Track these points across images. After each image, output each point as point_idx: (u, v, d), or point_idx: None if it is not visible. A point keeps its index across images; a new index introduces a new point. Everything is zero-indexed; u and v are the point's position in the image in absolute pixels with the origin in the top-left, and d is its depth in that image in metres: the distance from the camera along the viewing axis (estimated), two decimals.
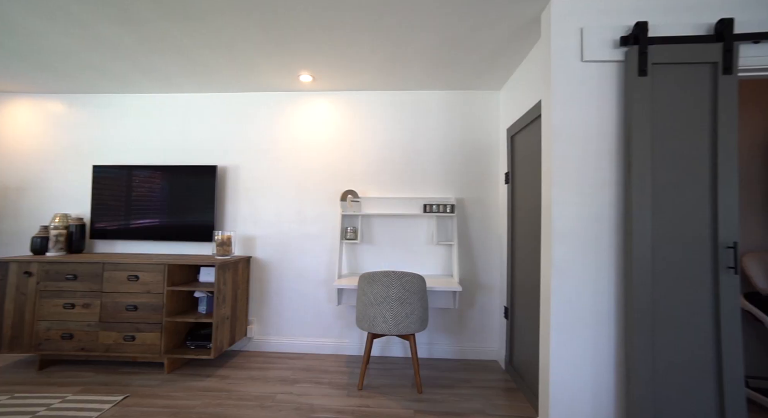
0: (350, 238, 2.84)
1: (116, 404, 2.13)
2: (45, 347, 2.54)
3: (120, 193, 3.05)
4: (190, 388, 2.34)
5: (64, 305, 2.55)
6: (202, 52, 2.39)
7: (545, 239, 1.74)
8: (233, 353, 2.93)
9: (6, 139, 3.21)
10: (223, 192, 3.08)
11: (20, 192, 3.17)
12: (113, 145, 3.16)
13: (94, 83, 2.96)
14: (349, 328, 2.96)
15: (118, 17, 1.99)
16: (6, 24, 2.07)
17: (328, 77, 2.76)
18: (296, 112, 3.07)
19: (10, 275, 2.58)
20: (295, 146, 3.07)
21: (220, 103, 3.12)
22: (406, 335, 2.35)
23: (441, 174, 2.98)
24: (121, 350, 2.52)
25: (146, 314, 2.52)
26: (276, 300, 3.01)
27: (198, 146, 3.12)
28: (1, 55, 2.48)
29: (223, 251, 2.76)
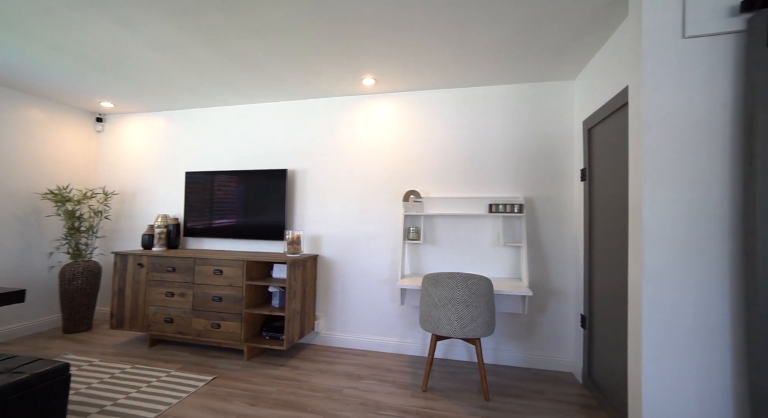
0: (413, 238, 2.84)
1: (207, 383, 2.40)
2: (153, 328, 2.96)
3: (205, 196, 3.44)
4: (266, 375, 2.55)
5: (166, 293, 2.95)
6: (275, 65, 2.58)
7: (634, 241, 1.55)
8: (302, 346, 3.12)
9: (123, 153, 3.82)
10: (292, 194, 3.30)
11: (134, 196, 3.76)
12: (200, 153, 3.58)
13: (186, 100, 3.38)
14: (412, 328, 2.96)
15: (207, 40, 2.24)
16: (129, 59, 2.46)
17: (391, 79, 2.79)
18: (359, 115, 3.17)
19: (128, 265, 3.06)
20: (358, 148, 3.16)
21: (289, 111, 3.35)
22: (472, 339, 2.27)
23: (508, 172, 2.83)
24: (209, 336, 2.84)
25: (229, 305, 2.80)
26: (341, 297, 3.13)
27: (270, 151, 3.38)
28: (122, 84, 2.95)
29: (293, 249, 2.96)
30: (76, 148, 3.69)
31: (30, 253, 3.30)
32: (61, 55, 2.47)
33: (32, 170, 3.31)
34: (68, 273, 3.23)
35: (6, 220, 3.13)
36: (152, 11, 1.93)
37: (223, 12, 1.93)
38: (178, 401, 2.15)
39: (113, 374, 2.47)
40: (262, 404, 2.15)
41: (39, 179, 3.37)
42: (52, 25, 2.09)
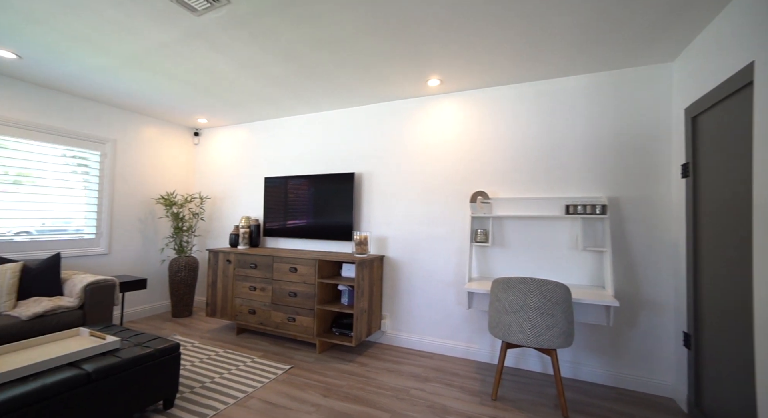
0: (480, 240, 2.75)
1: (285, 371, 2.61)
2: (239, 318, 3.32)
3: (281, 199, 3.74)
4: (337, 369, 2.68)
5: (249, 287, 3.28)
6: (342, 74, 2.71)
7: (762, 249, 1.30)
8: (369, 344, 3.22)
9: (214, 162, 4.36)
10: (359, 196, 3.42)
11: (222, 200, 4.26)
12: (277, 159, 3.91)
13: (264, 112, 3.72)
14: (480, 333, 2.87)
15: (282, 56, 2.44)
16: (221, 79, 2.81)
17: (456, 78, 2.74)
18: (424, 116, 3.17)
19: (219, 261, 3.48)
20: (423, 150, 3.16)
21: (355, 117, 3.49)
22: (547, 350, 2.12)
23: (587, 170, 2.58)
24: (285, 328, 3.08)
25: (303, 301, 3.01)
26: (407, 298, 3.16)
27: (338, 156, 3.56)
28: (215, 101, 3.37)
29: (360, 250, 3.07)
30: (179, 159, 4.30)
31: (148, 248, 3.94)
32: (173, 82, 2.91)
33: (148, 179, 3.95)
34: (174, 266, 3.78)
35: (131, 221, 3.78)
36: (241, 37, 2.17)
37: (297, 29, 2.09)
38: (261, 385, 2.38)
39: (210, 356, 2.83)
40: (334, 397, 2.27)
41: (153, 186, 4.00)
42: (169, 59, 2.48)
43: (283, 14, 1.94)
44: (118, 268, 3.66)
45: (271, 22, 2.01)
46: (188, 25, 2.06)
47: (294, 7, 1.88)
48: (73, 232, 3.35)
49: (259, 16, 1.96)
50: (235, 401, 2.17)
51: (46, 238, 3.15)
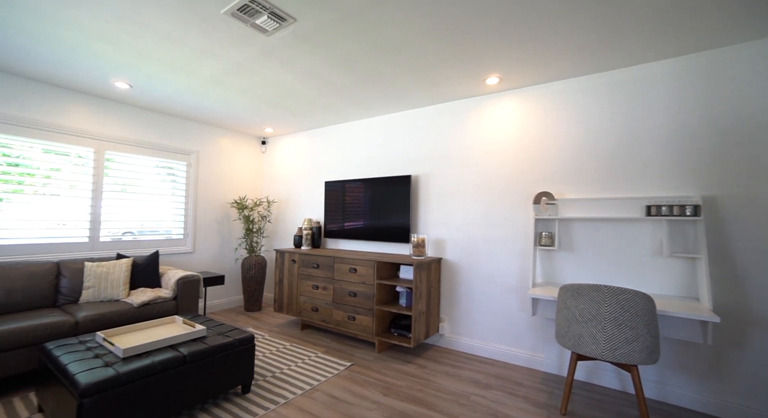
0: (545, 244, 2.60)
1: (347, 368, 2.72)
2: (303, 314, 3.54)
3: (340, 202, 3.90)
4: (396, 369, 2.72)
5: (312, 286, 3.48)
6: (399, 78, 2.75)
7: None
8: (427, 346, 3.21)
9: (278, 168, 4.70)
10: (416, 198, 3.44)
11: (287, 203, 4.57)
12: (336, 164, 4.09)
13: (324, 119, 3.92)
14: (546, 342, 2.70)
15: (342, 65, 2.56)
16: (286, 91, 3.04)
17: (517, 74, 2.63)
18: (481, 116, 3.09)
19: (285, 261, 3.75)
20: (481, 150, 3.08)
21: (411, 119, 3.52)
22: (626, 365, 1.93)
23: (673, 166, 2.30)
24: (346, 327, 3.21)
25: (362, 301, 3.11)
26: (465, 302, 3.10)
27: (394, 159, 3.61)
28: (280, 112, 3.65)
29: (418, 252, 3.08)
30: (249, 166, 4.72)
31: (224, 248, 4.39)
32: (245, 96, 3.22)
33: (223, 185, 4.40)
34: (246, 264, 4.15)
35: (210, 223, 4.24)
36: (305, 50, 2.33)
37: (356, 38, 2.18)
38: (325, 379, 2.51)
39: (278, 348, 3.05)
40: (393, 396, 2.31)
41: (227, 192, 4.45)
42: (242, 76, 2.75)
43: (344, 26, 2.04)
44: (200, 265, 4.13)
45: (332, 34, 2.13)
46: (260, 44, 2.27)
47: (354, 18, 1.96)
48: (164, 232, 3.85)
49: (322, 30, 2.09)
50: (302, 392, 2.32)
51: (144, 238, 3.67)
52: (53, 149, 3.07)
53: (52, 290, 2.78)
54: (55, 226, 3.07)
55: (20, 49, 2.39)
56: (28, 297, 2.64)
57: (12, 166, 2.85)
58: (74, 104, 3.17)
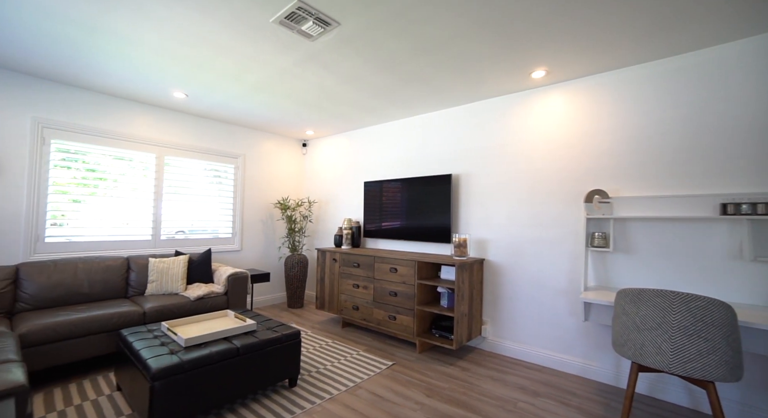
0: (598, 245, 2.44)
1: (388, 367, 2.73)
2: (344, 313, 3.61)
3: (379, 202, 3.93)
4: (438, 371, 2.69)
5: (353, 285, 3.54)
6: (440, 76, 2.72)
7: None
8: (469, 349, 3.14)
9: (319, 169, 4.83)
10: (457, 198, 3.38)
11: (327, 203, 4.69)
12: (374, 164, 4.13)
13: (362, 120, 3.97)
14: (600, 350, 2.53)
15: (383, 65, 2.57)
16: (327, 94, 3.12)
17: (566, 66, 2.49)
18: (526, 112, 2.96)
19: (326, 260, 3.84)
20: (526, 147, 2.96)
21: (451, 118, 3.46)
22: (701, 381, 1.75)
23: (756, 159, 2.05)
24: (386, 326, 3.22)
25: (403, 301, 3.11)
26: (510, 305, 2.99)
27: (434, 158, 3.57)
28: (321, 114, 3.75)
29: (459, 252, 3.02)
30: (291, 168, 4.90)
31: (268, 246, 4.59)
32: (288, 101, 3.34)
33: (267, 186, 4.60)
34: (289, 263, 4.31)
35: (256, 223, 4.46)
36: (347, 53, 2.37)
37: (398, 38, 2.18)
38: (368, 377, 2.54)
39: (321, 345, 3.13)
40: (437, 398, 2.28)
41: (271, 193, 4.65)
42: (286, 81, 2.86)
43: (386, 27, 2.05)
44: (247, 262, 4.35)
45: (374, 36, 2.15)
46: (304, 50, 2.34)
47: (396, 19, 1.97)
48: (212, 232, 4.10)
49: (364, 33, 2.11)
50: (346, 389, 2.36)
51: (196, 236, 3.93)
52: (121, 156, 3.38)
53: (124, 282, 3.07)
54: (122, 225, 3.38)
55: (98, 68, 2.66)
56: (105, 289, 2.93)
57: (89, 172, 3.19)
58: (139, 114, 3.47)
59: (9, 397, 1.07)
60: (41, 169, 2.93)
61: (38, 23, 2.07)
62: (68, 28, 2.12)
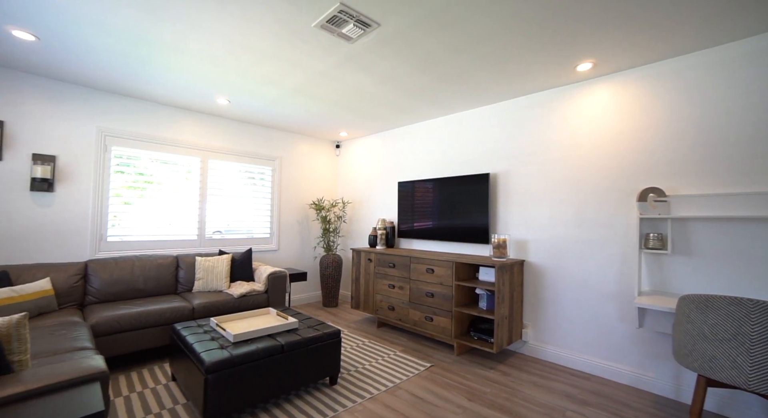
0: (653, 247, 2.27)
1: (427, 368, 2.70)
2: (379, 313, 3.62)
3: (413, 203, 3.91)
4: (477, 374, 2.62)
5: (388, 285, 3.54)
6: (478, 74, 2.65)
7: None
8: (510, 353, 3.04)
9: (352, 170, 4.89)
10: (495, 197, 3.29)
11: (360, 204, 4.74)
12: (409, 164, 4.11)
13: (396, 120, 3.97)
14: (656, 359, 2.36)
15: (420, 64, 2.55)
16: (363, 95, 3.14)
17: (616, 56, 2.35)
18: (569, 106, 2.83)
19: (361, 259, 3.88)
20: (570, 144, 2.82)
21: (489, 115, 3.37)
22: None
23: None
24: (423, 327, 3.19)
25: (440, 302, 3.07)
26: (552, 308, 2.87)
27: (470, 157, 3.50)
28: (355, 116, 3.79)
29: (499, 253, 2.94)
30: (325, 169, 4.99)
31: (304, 246, 4.71)
32: (324, 103, 3.41)
33: (302, 188, 4.71)
34: (324, 262, 4.40)
35: (292, 223, 4.58)
36: (385, 53, 2.38)
37: (437, 37, 2.15)
38: (407, 378, 2.53)
39: (358, 344, 3.16)
40: (478, 402, 2.23)
41: (306, 194, 4.76)
42: (323, 84, 2.91)
43: (424, 26, 2.03)
44: (284, 262, 4.48)
45: (412, 35, 2.13)
46: (343, 52, 2.37)
47: (435, 17, 1.94)
48: (247, 232, 4.25)
49: (403, 33, 2.10)
50: (386, 389, 2.36)
51: (237, 236, 4.10)
52: (168, 160, 3.60)
53: (173, 279, 3.27)
54: (167, 225, 3.59)
55: (151, 78, 2.84)
56: (157, 285, 3.13)
57: (138, 175, 3.42)
58: (185, 120, 3.68)
59: (95, 381, 1.16)
60: (104, 174, 3.18)
61: (101, 40, 2.25)
62: (126, 43, 2.28)
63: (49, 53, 2.46)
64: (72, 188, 3.01)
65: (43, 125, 2.88)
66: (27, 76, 2.82)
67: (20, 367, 1.20)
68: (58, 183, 2.96)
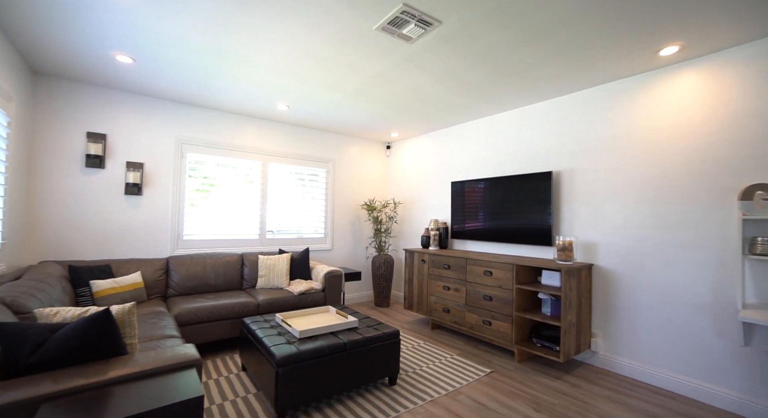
0: (763, 253, 1.97)
1: (487, 374, 2.61)
2: (434, 314, 3.57)
3: (468, 203, 3.80)
4: (543, 383, 2.47)
5: (443, 286, 3.48)
6: (542, 67, 2.50)
7: None
8: (577, 363, 2.83)
9: (402, 170, 4.89)
10: (558, 196, 3.09)
11: (411, 204, 4.72)
12: (462, 163, 4.01)
13: (448, 119, 3.89)
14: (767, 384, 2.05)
15: (479, 61, 2.47)
16: (417, 94, 3.13)
17: (708, 37, 2.08)
18: (646, 96, 2.56)
19: (414, 260, 3.86)
20: (648, 137, 2.56)
21: (549, 111, 3.18)
22: None
23: None
24: (480, 331, 3.09)
25: (499, 305, 2.95)
26: (627, 317, 2.62)
27: (530, 155, 3.32)
28: (407, 116, 3.79)
29: (564, 256, 2.75)
30: (376, 170, 5.05)
31: (356, 246, 4.80)
32: (378, 104, 3.44)
33: (354, 189, 4.81)
34: (376, 262, 4.44)
35: (345, 224, 4.70)
36: (443, 51, 2.33)
37: (499, 31, 2.06)
38: (467, 383, 2.46)
39: (413, 345, 3.15)
40: (546, 413, 2.10)
41: (358, 195, 4.85)
42: (379, 86, 2.94)
43: (488, 21, 1.95)
44: (337, 261, 4.61)
45: (475, 30, 2.07)
46: (402, 53, 2.37)
47: (499, 11, 1.86)
48: (296, 232, 4.42)
49: (465, 28, 2.05)
50: (446, 392, 2.32)
51: (287, 236, 4.29)
52: (231, 163, 3.87)
53: (239, 276, 3.50)
54: (225, 224, 3.86)
55: (220, 88, 3.08)
56: (225, 281, 3.38)
57: (204, 179, 3.70)
58: (247, 126, 3.93)
59: (192, 367, 1.28)
60: (180, 178, 3.50)
61: (182, 57, 2.47)
62: (202, 58, 2.49)
63: (142, 72, 2.77)
64: (155, 191, 3.36)
65: (134, 136, 3.25)
66: (123, 94, 3.19)
67: (131, 349, 1.36)
68: (145, 187, 3.31)
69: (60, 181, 2.93)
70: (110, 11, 1.95)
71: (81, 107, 3.01)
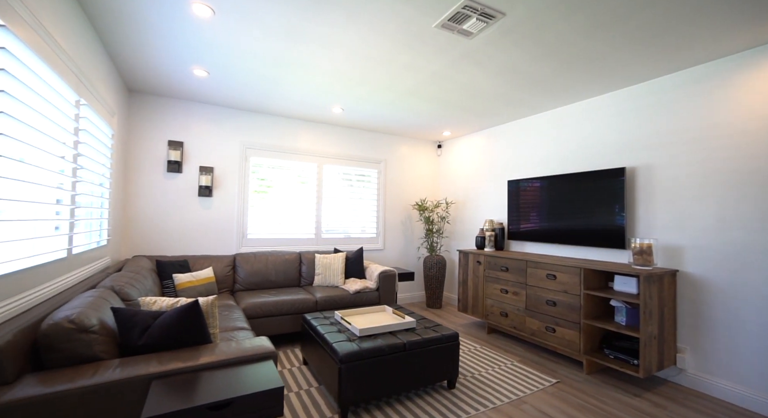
0: None
1: (552, 384, 2.45)
2: (490, 318, 3.44)
3: (527, 202, 3.61)
4: (618, 399, 2.26)
5: (501, 289, 3.34)
6: (616, 54, 2.29)
7: None
8: (659, 380, 2.55)
9: (454, 169, 4.78)
10: (632, 195, 2.81)
11: (464, 204, 4.60)
12: (519, 161, 3.82)
13: (504, 115, 3.72)
14: None
15: (543, 52, 2.32)
16: (473, 91, 3.04)
17: None
18: (744, 79, 2.23)
19: (469, 262, 3.76)
20: (743, 127, 2.23)
21: (620, 101, 2.91)
22: None
23: None
24: (543, 338, 2.91)
25: (564, 312, 2.75)
26: (723, 333, 2.30)
27: (597, 151, 3.07)
28: (460, 114, 3.70)
29: (642, 261, 2.49)
30: (427, 170, 5.00)
31: (408, 247, 4.79)
32: (431, 103, 3.40)
33: (405, 189, 4.81)
34: (428, 263, 4.39)
35: (396, 224, 4.71)
36: (503, 44, 2.24)
37: (569, 19, 1.92)
38: (531, 392, 2.33)
39: (470, 349, 3.06)
40: None
41: (409, 195, 4.84)
42: (434, 84, 2.90)
43: (557, 7, 1.83)
44: (389, 261, 4.64)
45: (541, 20, 1.95)
46: (460, 49, 2.31)
47: None
48: (343, 231, 4.50)
49: (531, 18, 1.94)
50: (509, 401, 2.22)
51: (336, 236, 4.38)
52: (288, 166, 4.06)
53: (297, 273, 3.67)
54: (278, 224, 4.04)
55: (282, 95, 3.25)
56: (285, 278, 3.56)
57: (261, 180, 3.92)
58: (303, 130, 4.11)
59: (269, 359, 1.36)
60: (245, 180, 3.76)
61: (250, 67, 2.65)
62: (266, 67, 2.64)
63: (214, 84, 3.02)
64: (223, 193, 3.64)
65: (206, 143, 3.56)
66: (197, 105, 3.51)
67: (214, 339, 1.48)
68: (215, 189, 3.60)
69: (148, 185, 3.30)
70: (192, 29, 2.15)
71: (164, 118, 3.36)
